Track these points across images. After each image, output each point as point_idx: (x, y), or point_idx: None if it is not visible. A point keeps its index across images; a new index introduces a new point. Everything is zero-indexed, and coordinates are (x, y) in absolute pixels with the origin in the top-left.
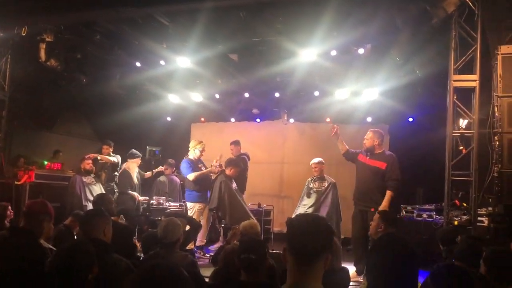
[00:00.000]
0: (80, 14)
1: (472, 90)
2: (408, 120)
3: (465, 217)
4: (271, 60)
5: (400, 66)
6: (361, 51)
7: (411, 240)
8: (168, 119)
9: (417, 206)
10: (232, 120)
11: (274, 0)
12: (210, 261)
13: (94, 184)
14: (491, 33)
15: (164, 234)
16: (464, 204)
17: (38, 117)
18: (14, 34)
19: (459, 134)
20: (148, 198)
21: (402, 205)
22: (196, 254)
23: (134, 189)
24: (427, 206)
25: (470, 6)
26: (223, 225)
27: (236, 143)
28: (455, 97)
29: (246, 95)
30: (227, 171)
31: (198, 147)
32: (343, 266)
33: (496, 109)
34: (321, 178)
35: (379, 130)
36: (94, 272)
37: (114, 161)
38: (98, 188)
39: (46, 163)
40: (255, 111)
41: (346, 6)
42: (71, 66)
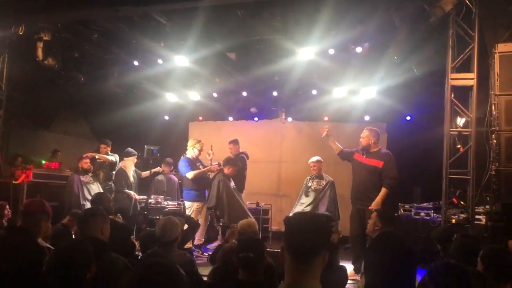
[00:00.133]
0: (77, 13)
1: (470, 88)
2: (406, 119)
3: (462, 215)
4: (269, 59)
5: (398, 64)
6: (359, 49)
7: (409, 238)
8: (166, 118)
9: (415, 204)
10: (230, 119)
11: None
12: (209, 259)
13: (92, 183)
14: (488, 31)
15: (162, 233)
16: (462, 203)
17: (35, 116)
18: (11, 33)
19: (456, 133)
20: (146, 197)
21: (400, 203)
22: (194, 253)
23: (130, 187)
24: (425, 204)
25: (468, 4)
26: (221, 224)
27: (235, 142)
28: (452, 95)
29: (244, 94)
30: (225, 170)
31: (197, 146)
32: (341, 264)
33: (493, 107)
34: (319, 176)
35: (375, 128)
36: (92, 271)
37: (112, 160)
38: (96, 187)
39: (44, 162)
40: (253, 110)
41: (343, 4)
42: (69, 65)
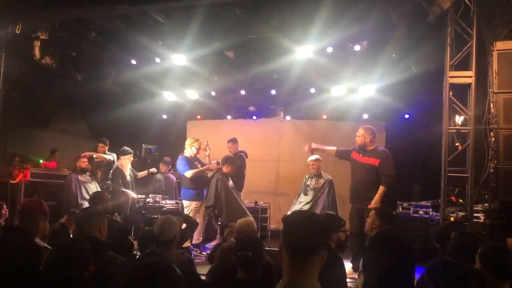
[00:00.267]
0: (74, 11)
1: (468, 86)
2: (404, 117)
3: (461, 213)
4: (267, 57)
5: (396, 62)
6: (357, 48)
7: (407, 237)
8: (164, 116)
9: (413, 202)
10: (229, 117)
11: None
12: (207, 259)
13: (89, 182)
14: (486, 29)
15: (161, 232)
16: (460, 200)
17: (33, 115)
18: (8, 32)
19: (455, 131)
20: (144, 196)
21: (398, 201)
22: (192, 252)
23: (127, 186)
24: (424, 202)
25: (466, 2)
26: (219, 223)
27: (234, 141)
28: (451, 93)
29: (242, 92)
30: (224, 169)
31: (195, 145)
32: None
33: (492, 105)
34: (318, 175)
35: (370, 126)
36: (90, 270)
37: (110, 159)
38: (94, 186)
39: (41, 161)
40: (251, 108)
41: (341, 3)
42: (66, 63)
